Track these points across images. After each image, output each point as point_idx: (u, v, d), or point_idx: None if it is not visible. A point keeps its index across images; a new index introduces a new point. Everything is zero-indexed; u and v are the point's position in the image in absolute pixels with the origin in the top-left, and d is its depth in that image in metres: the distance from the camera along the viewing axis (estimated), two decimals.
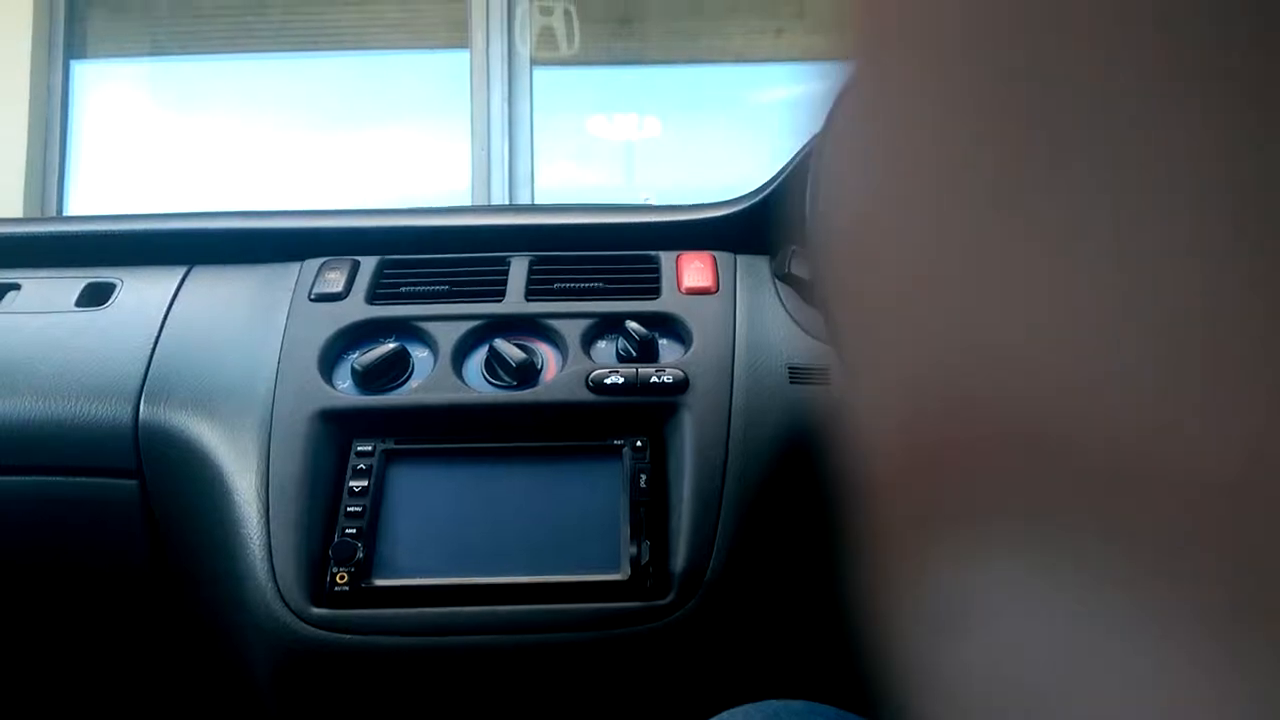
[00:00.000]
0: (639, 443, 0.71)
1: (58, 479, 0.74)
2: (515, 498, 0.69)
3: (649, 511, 0.68)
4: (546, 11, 2.70)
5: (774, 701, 0.54)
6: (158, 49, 2.74)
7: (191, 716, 0.88)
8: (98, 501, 0.74)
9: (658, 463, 0.71)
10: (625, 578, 0.65)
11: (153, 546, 0.75)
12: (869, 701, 0.57)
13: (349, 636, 0.64)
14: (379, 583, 0.65)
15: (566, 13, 2.70)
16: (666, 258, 0.84)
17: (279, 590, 0.65)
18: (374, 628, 0.64)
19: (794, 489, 0.72)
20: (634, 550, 0.66)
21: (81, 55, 2.71)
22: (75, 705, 0.89)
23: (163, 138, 2.69)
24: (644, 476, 0.69)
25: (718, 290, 0.81)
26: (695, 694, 0.61)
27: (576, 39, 2.70)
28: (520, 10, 2.69)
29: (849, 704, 0.55)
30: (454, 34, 2.71)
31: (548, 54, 2.69)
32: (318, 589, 0.65)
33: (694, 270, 0.83)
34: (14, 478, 0.75)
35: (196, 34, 2.74)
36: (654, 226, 0.89)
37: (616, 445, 0.71)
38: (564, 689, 0.68)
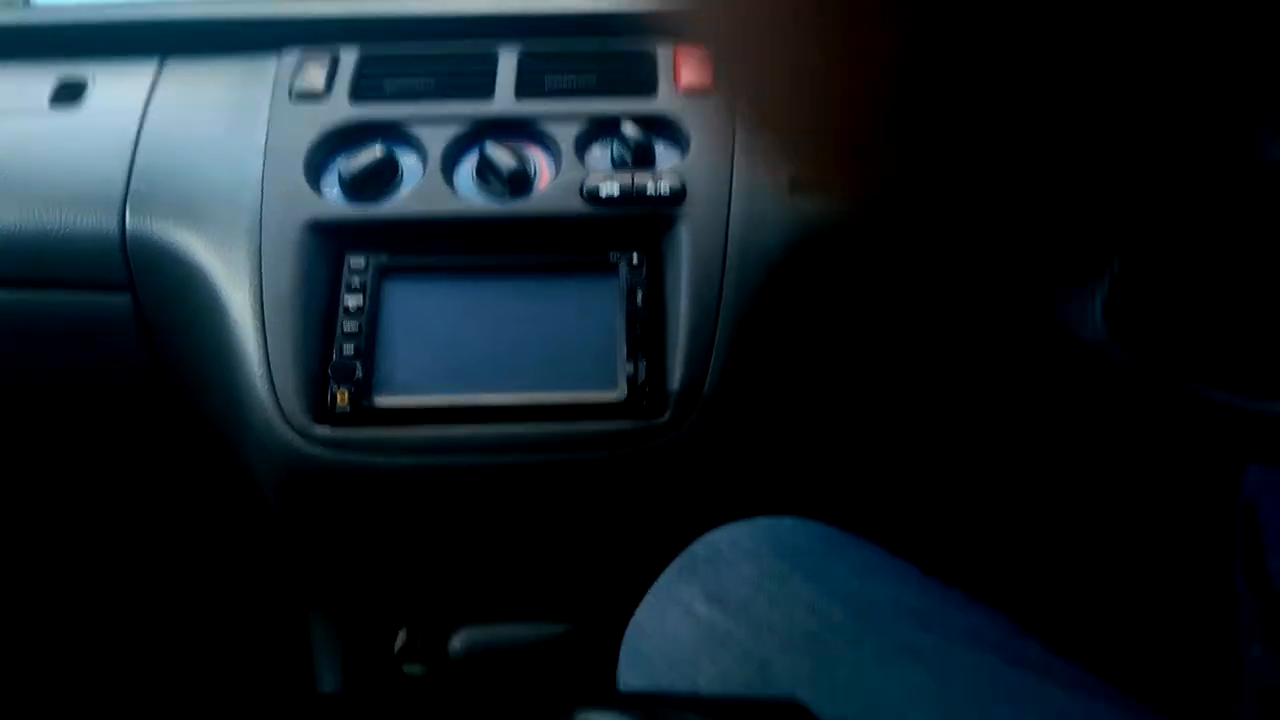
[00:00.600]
0: (635, 258, 0.70)
1: (48, 292, 0.74)
2: (512, 315, 0.69)
3: (645, 329, 0.68)
4: None
5: (764, 518, 0.57)
6: None
7: (197, 530, 0.92)
8: (91, 317, 0.74)
9: (654, 278, 0.70)
10: (621, 397, 0.66)
11: (150, 362, 0.75)
12: (857, 518, 0.59)
13: (352, 454, 0.65)
14: (380, 401, 0.66)
15: None
16: (664, 51, 0.79)
17: (280, 409, 0.66)
18: (376, 446, 0.66)
19: (793, 302, 0.72)
20: (630, 369, 0.66)
21: None
22: (79, 525, 0.93)
23: None
24: (640, 293, 0.69)
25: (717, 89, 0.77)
26: (691, 513, 0.63)
27: None
28: None
29: (839, 521, 0.57)
30: None
31: None
32: (319, 408, 0.66)
33: (692, 66, 0.78)
34: (8, 290, 0.74)
35: None
36: (650, 15, 0.83)
37: (612, 261, 0.70)
38: (561, 507, 0.70)
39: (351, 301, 0.69)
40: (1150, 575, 0.89)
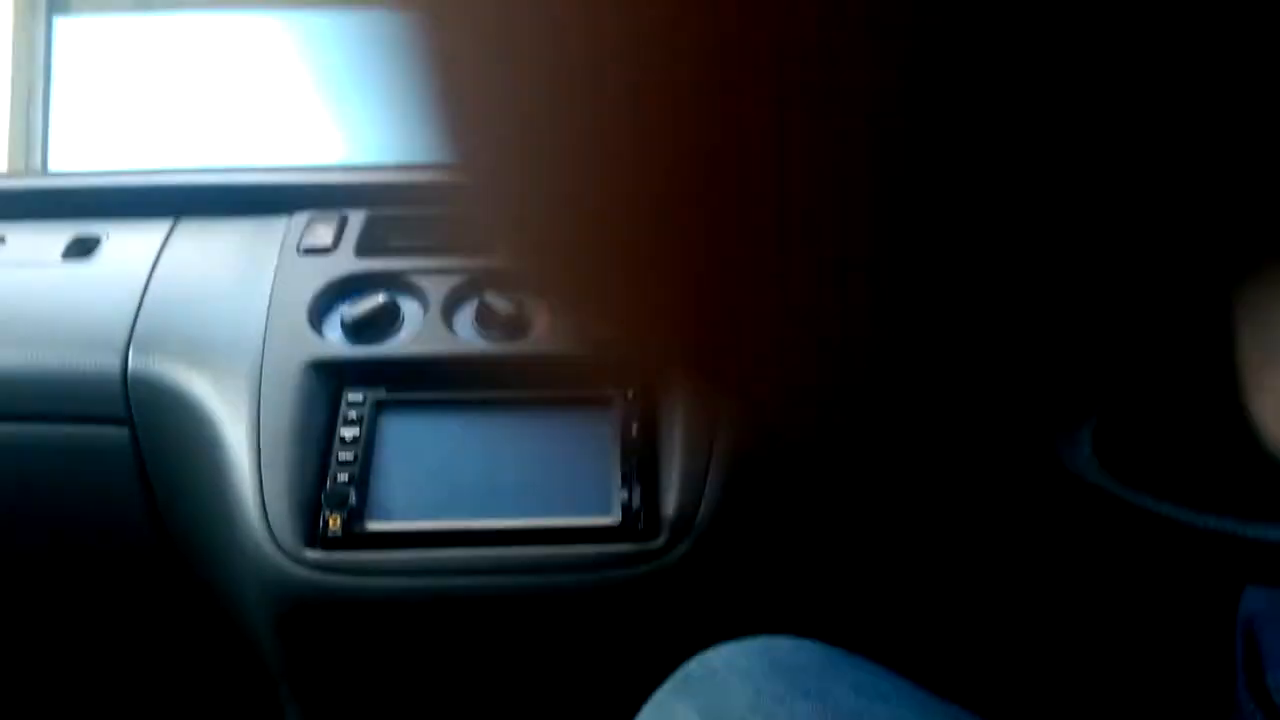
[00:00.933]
0: (630, 393, 0.71)
1: (47, 426, 0.74)
2: (507, 446, 0.70)
3: (640, 458, 0.68)
4: None
5: (761, 637, 0.55)
6: (142, 5, 2.71)
7: (191, 664, 0.88)
8: (89, 450, 0.74)
9: (649, 409, 0.71)
10: (616, 522, 0.66)
11: (145, 495, 0.75)
12: (855, 638, 0.58)
13: (342, 578, 0.64)
14: (371, 526, 0.66)
15: None
16: None
17: (272, 533, 0.65)
18: (367, 570, 0.65)
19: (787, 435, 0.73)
20: (625, 495, 0.67)
21: (65, 10, 2.67)
22: (71, 655, 0.89)
23: (148, 94, 2.66)
24: (635, 425, 0.70)
25: None
26: (687, 636, 0.62)
27: None
28: None
29: (837, 640, 0.56)
30: None
31: None
32: (311, 533, 0.66)
33: None
34: (5, 425, 0.75)
35: None
36: None
37: (607, 395, 0.71)
38: (556, 632, 0.69)
39: (348, 433, 0.70)
40: (1151, 693, 0.86)
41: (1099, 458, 0.57)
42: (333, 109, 2.70)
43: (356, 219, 0.84)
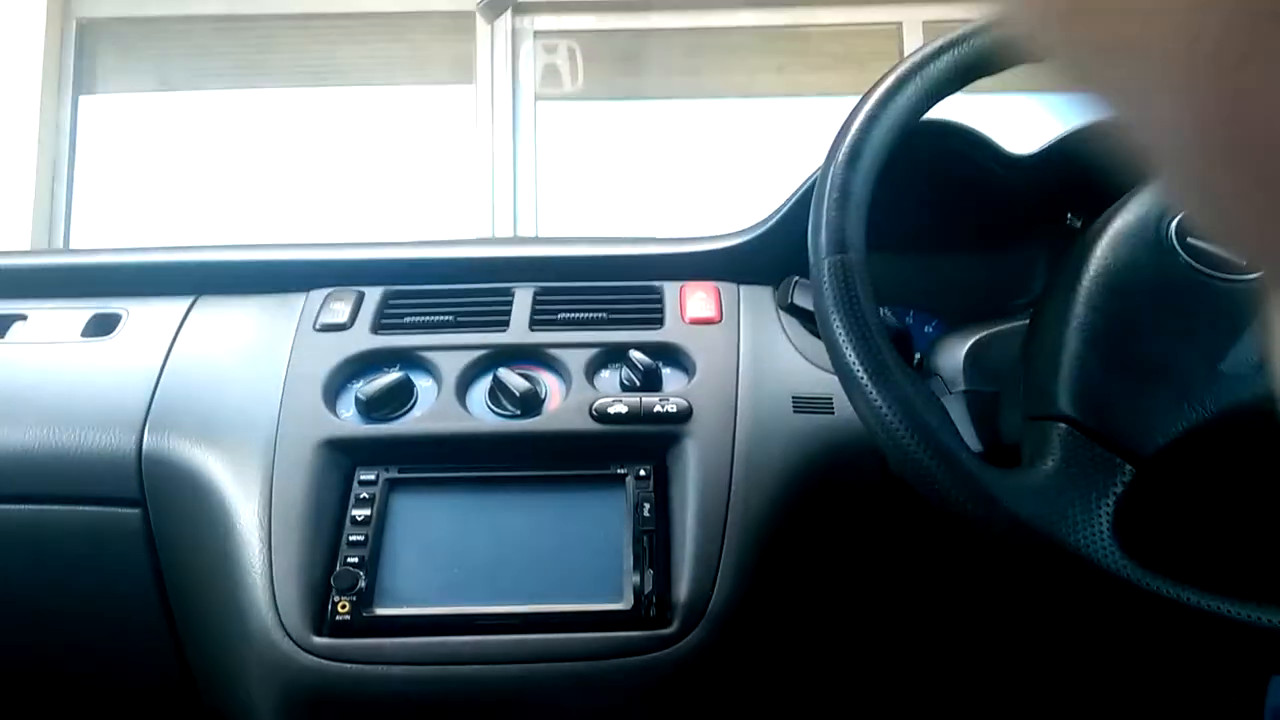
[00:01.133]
0: (642, 471, 0.71)
1: (60, 508, 0.74)
2: (518, 526, 0.69)
3: (652, 540, 0.67)
4: (550, 49, 2.73)
5: None
6: (165, 84, 2.77)
7: None
8: (100, 531, 0.74)
9: (661, 491, 0.70)
10: (628, 607, 0.65)
11: (155, 576, 0.75)
12: None
13: (351, 666, 0.63)
14: (380, 611, 0.65)
15: (570, 50, 2.73)
16: (670, 288, 0.85)
17: (280, 620, 0.64)
18: (376, 658, 0.64)
19: (799, 518, 0.72)
20: (637, 579, 0.65)
21: (90, 90, 2.74)
22: None
23: (170, 171, 2.71)
24: (647, 505, 0.69)
25: (721, 320, 0.81)
26: None
27: (580, 75, 2.73)
28: (524, 48, 2.72)
29: None
30: (459, 70, 2.74)
31: (551, 90, 2.72)
32: (319, 618, 0.65)
33: (697, 300, 0.83)
34: (15, 506, 0.75)
35: (205, 71, 2.77)
36: (657, 258, 0.89)
37: (620, 474, 0.71)
38: (566, 719, 0.67)
39: (359, 513, 0.69)
40: None
41: (1120, 543, 0.56)
42: (360, 184, 2.74)
43: (373, 295, 0.85)
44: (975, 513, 0.54)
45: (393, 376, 0.75)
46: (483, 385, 0.77)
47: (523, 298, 0.84)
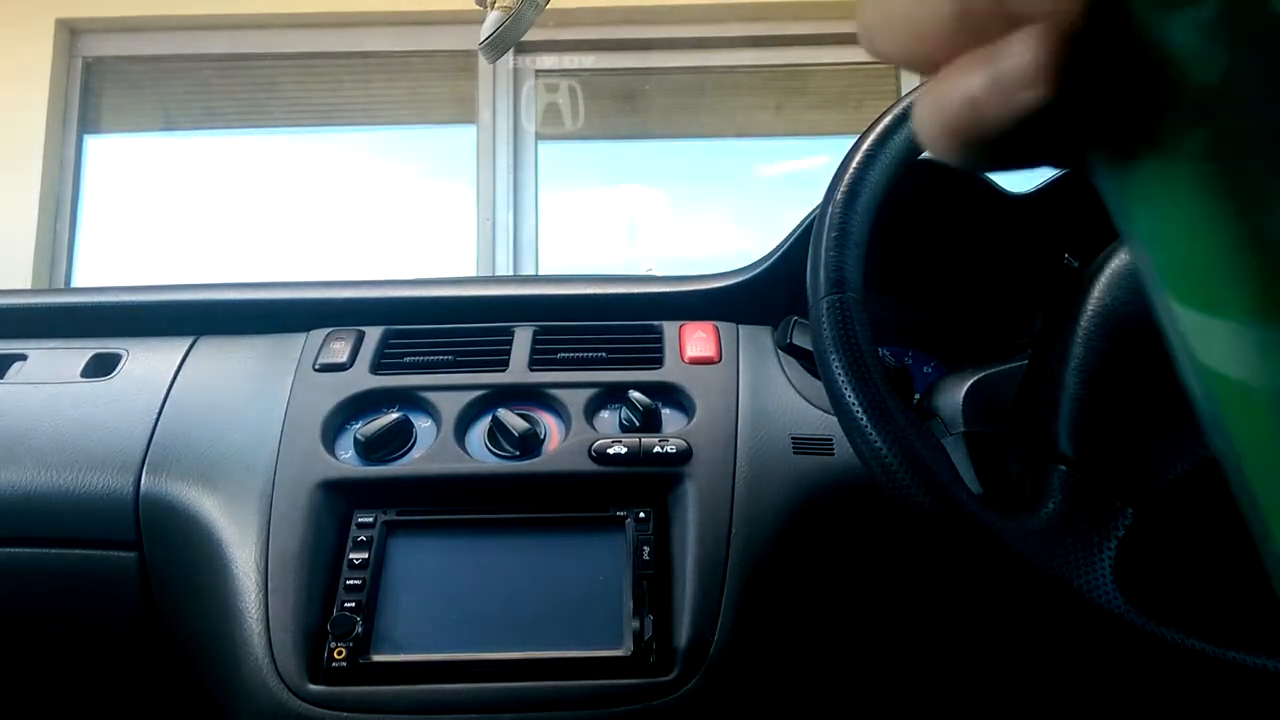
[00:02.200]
0: (642, 513, 0.70)
1: (55, 551, 0.74)
2: (517, 570, 0.68)
3: (652, 584, 0.67)
4: (552, 89, 2.76)
5: None
6: (170, 124, 2.80)
7: None
8: (95, 574, 0.73)
9: (661, 534, 0.70)
10: (628, 653, 0.64)
11: (149, 620, 0.74)
12: None
13: (346, 715, 0.62)
14: (377, 658, 0.64)
15: (571, 90, 2.76)
16: (669, 327, 0.85)
17: (276, 666, 0.63)
18: (372, 706, 0.63)
19: (799, 560, 0.71)
20: (636, 625, 0.65)
21: (95, 130, 2.76)
22: None
23: (173, 211, 2.73)
24: (647, 549, 0.69)
25: (720, 360, 0.81)
26: None
27: (581, 114, 2.75)
28: (526, 87, 2.75)
29: None
30: (460, 109, 2.76)
31: (552, 129, 2.74)
32: (315, 665, 0.64)
33: (696, 340, 0.83)
34: (11, 549, 0.74)
35: (209, 110, 2.80)
36: (656, 297, 0.89)
37: (619, 516, 0.70)
38: None
39: (356, 556, 0.69)
40: None
41: (1121, 589, 0.55)
42: (360, 224, 2.76)
43: (373, 335, 0.85)
44: (976, 556, 0.54)
45: (392, 417, 0.75)
46: (482, 426, 0.77)
47: (522, 337, 0.84)
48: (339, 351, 0.83)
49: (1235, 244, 0.19)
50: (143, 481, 0.74)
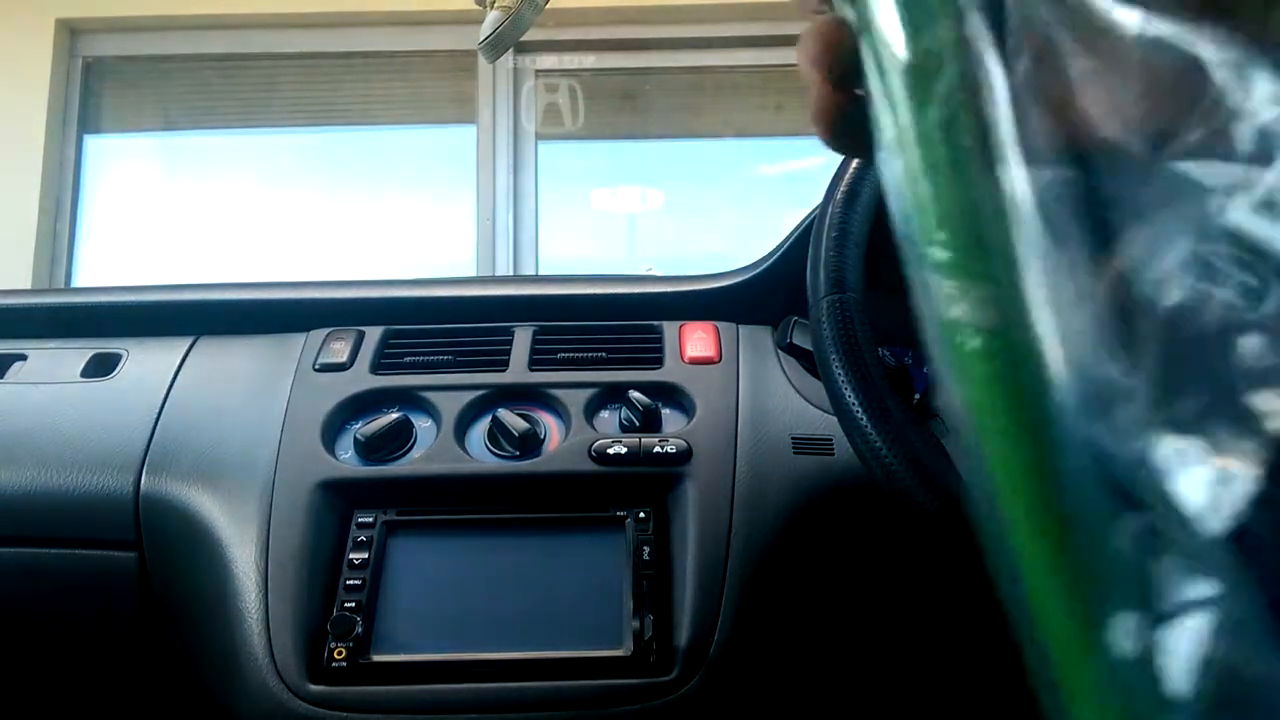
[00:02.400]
0: (642, 513, 0.70)
1: (55, 551, 0.73)
2: (517, 570, 0.68)
3: (652, 584, 0.67)
4: (552, 89, 2.76)
5: None
6: (170, 124, 2.80)
7: None
8: (95, 574, 0.73)
9: (661, 534, 0.70)
10: (628, 653, 0.64)
11: (149, 620, 0.74)
12: None
13: (346, 714, 0.62)
14: (377, 658, 0.64)
15: (571, 89, 2.76)
16: (669, 327, 0.85)
17: (276, 666, 0.63)
18: (371, 706, 0.63)
19: (799, 560, 0.71)
20: (636, 625, 0.65)
21: (95, 129, 2.76)
22: None
23: (173, 211, 2.73)
24: (647, 549, 0.69)
25: (720, 360, 0.81)
26: None
27: (581, 115, 2.75)
28: (526, 87, 2.75)
29: None
30: (460, 109, 2.76)
31: (552, 129, 2.74)
32: (315, 664, 0.64)
33: (696, 340, 0.83)
34: (11, 549, 0.74)
35: (208, 109, 2.80)
36: (656, 297, 0.89)
37: (619, 516, 0.70)
38: None
39: (356, 556, 0.69)
40: None
41: None
42: (360, 224, 2.75)
43: (373, 335, 0.85)
44: (976, 555, 0.54)
45: (392, 417, 0.75)
46: (482, 426, 0.77)
47: (522, 337, 0.84)
48: (339, 351, 0.83)
49: (941, 202, 0.24)
50: (143, 481, 0.74)
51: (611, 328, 0.85)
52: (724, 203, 2.71)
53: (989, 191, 0.23)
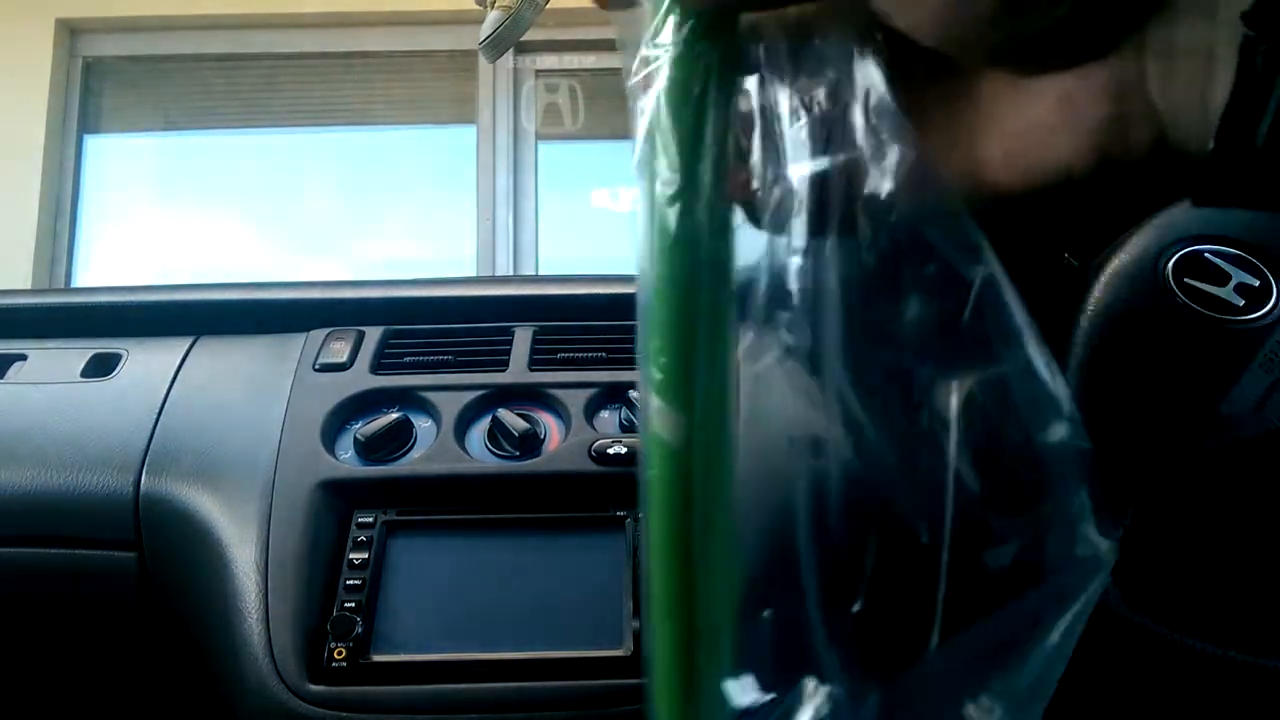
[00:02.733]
0: (642, 514, 0.70)
1: (54, 551, 0.74)
2: (517, 570, 0.68)
3: None
4: (552, 89, 2.76)
5: None
6: (170, 124, 2.80)
7: None
8: (95, 574, 0.73)
9: None
10: (627, 653, 0.64)
11: (149, 620, 0.74)
12: None
13: (346, 715, 0.63)
14: (377, 658, 0.64)
15: (571, 89, 2.76)
16: None
17: (276, 666, 0.64)
18: (371, 706, 0.63)
19: (795, 563, 0.71)
20: (637, 625, 0.65)
21: (95, 129, 2.76)
22: None
23: (173, 211, 2.73)
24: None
25: None
26: None
27: (581, 115, 2.75)
28: (526, 87, 2.75)
29: None
30: (460, 109, 2.77)
31: (552, 129, 2.74)
32: (315, 664, 0.64)
33: None
34: (10, 550, 0.74)
35: (208, 109, 2.80)
36: None
37: (619, 516, 0.70)
38: None
39: (356, 556, 0.69)
40: None
41: (1121, 588, 0.56)
42: (360, 224, 2.75)
43: (373, 335, 0.85)
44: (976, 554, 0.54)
45: (391, 417, 0.75)
46: (482, 426, 0.77)
47: (522, 337, 0.84)
48: (339, 351, 0.83)
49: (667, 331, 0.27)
50: (143, 481, 0.74)
51: (611, 328, 0.85)
52: None
53: (711, 343, 0.27)
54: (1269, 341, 0.53)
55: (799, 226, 0.28)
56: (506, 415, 0.75)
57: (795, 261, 0.29)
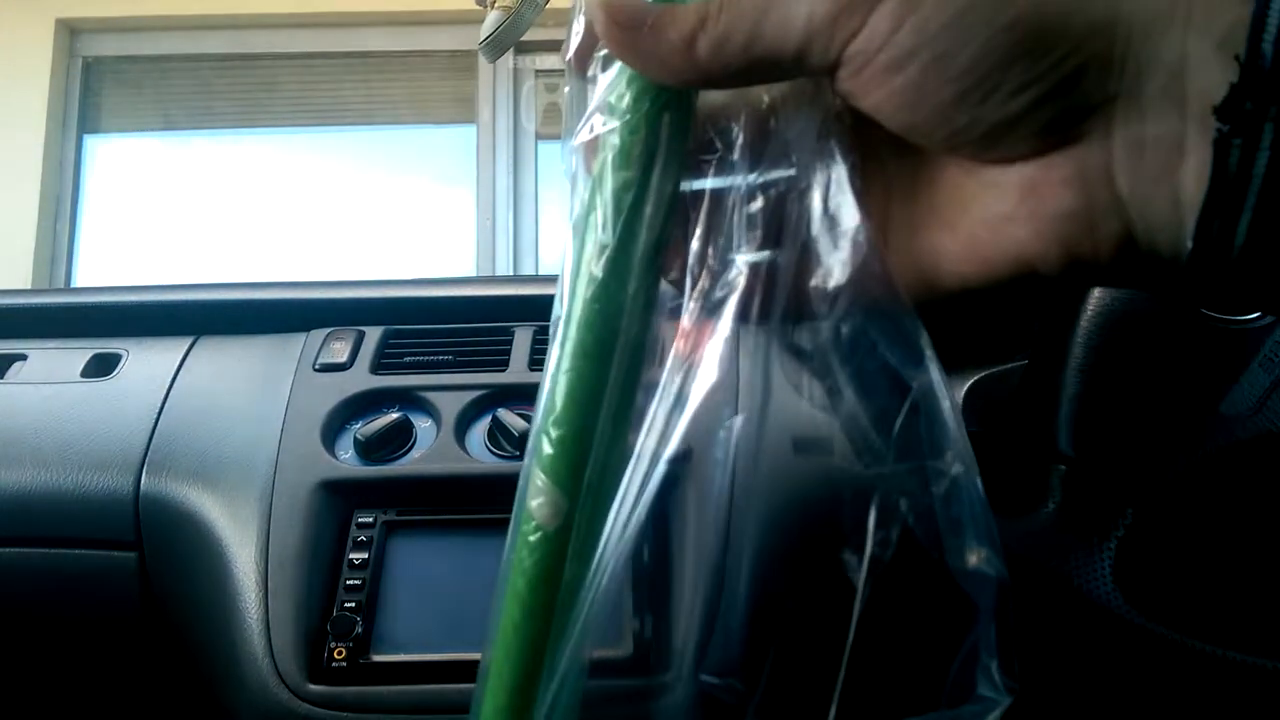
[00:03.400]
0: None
1: (54, 551, 0.74)
2: None
3: (652, 583, 0.67)
4: (552, 89, 2.76)
5: None
6: (170, 124, 2.80)
7: None
8: (95, 574, 0.73)
9: (660, 534, 0.70)
10: (627, 654, 0.64)
11: (149, 620, 0.74)
12: None
13: (346, 715, 0.63)
14: (377, 658, 0.64)
15: None
16: (667, 327, 0.84)
17: (276, 666, 0.64)
18: (371, 706, 0.63)
19: (799, 563, 0.71)
20: (636, 625, 0.65)
21: (95, 129, 2.76)
22: None
23: (173, 210, 2.73)
24: (646, 549, 0.69)
25: (719, 359, 0.81)
26: None
27: None
28: (526, 87, 2.75)
29: None
30: (460, 109, 2.77)
31: (553, 129, 2.74)
32: (315, 664, 0.64)
33: (694, 342, 0.83)
34: (12, 549, 0.74)
35: (208, 109, 2.80)
36: None
37: None
38: None
39: (356, 556, 0.69)
40: None
41: (1120, 586, 0.56)
42: (360, 224, 2.76)
43: (373, 335, 0.85)
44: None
45: (392, 417, 0.75)
46: (482, 426, 0.77)
47: (522, 337, 0.84)
48: (339, 351, 0.83)
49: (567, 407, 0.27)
50: (142, 482, 0.74)
51: None
52: None
53: (612, 426, 0.26)
54: (1268, 341, 0.53)
55: (729, 311, 0.28)
56: (506, 415, 0.75)
57: (720, 347, 0.29)
